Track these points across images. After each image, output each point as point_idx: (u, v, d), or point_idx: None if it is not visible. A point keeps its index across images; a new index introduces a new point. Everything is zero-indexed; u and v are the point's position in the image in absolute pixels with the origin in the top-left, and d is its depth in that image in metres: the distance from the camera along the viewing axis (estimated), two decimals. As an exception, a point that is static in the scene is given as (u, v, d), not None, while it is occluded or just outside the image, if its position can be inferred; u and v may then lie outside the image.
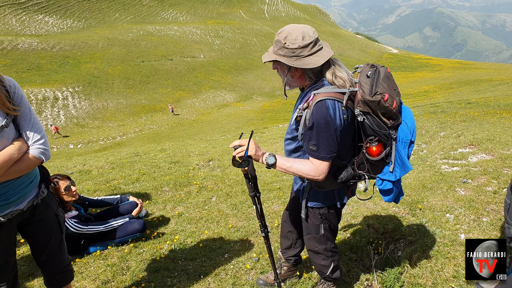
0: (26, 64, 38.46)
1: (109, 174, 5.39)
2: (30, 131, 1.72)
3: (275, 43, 1.83)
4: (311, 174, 1.83)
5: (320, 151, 1.79)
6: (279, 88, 48.64)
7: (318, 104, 1.74)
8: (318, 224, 2.19)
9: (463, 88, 26.55)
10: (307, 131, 1.80)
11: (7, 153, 1.62)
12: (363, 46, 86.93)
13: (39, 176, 1.93)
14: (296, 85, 1.94)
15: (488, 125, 7.42)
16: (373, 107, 1.72)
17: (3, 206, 1.70)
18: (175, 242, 3.36)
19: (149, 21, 69.41)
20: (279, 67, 1.91)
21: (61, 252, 2.08)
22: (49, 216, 1.98)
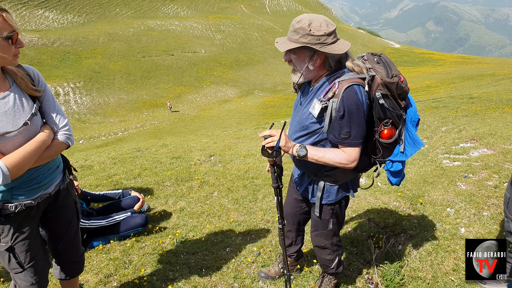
0: (26, 59, 38.37)
1: (111, 169, 5.41)
2: (56, 118, 1.82)
3: (296, 31, 1.76)
4: (344, 162, 1.85)
5: (353, 138, 1.83)
6: (280, 84, 48.52)
7: (348, 90, 1.76)
8: (328, 219, 2.20)
9: (465, 83, 26.43)
10: (338, 120, 1.80)
11: (40, 139, 1.71)
12: (365, 40, 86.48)
13: (62, 162, 2.02)
14: (311, 76, 1.90)
15: (490, 120, 7.40)
16: (392, 89, 1.83)
17: (35, 190, 1.80)
18: (177, 236, 3.38)
19: (150, 16, 69.14)
20: (296, 56, 1.84)
21: (77, 240, 2.16)
22: (70, 203, 2.07)
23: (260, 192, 4.40)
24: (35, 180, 1.78)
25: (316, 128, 1.91)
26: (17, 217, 1.77)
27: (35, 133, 1.71)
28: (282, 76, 52.18)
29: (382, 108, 1.84)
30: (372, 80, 1.83)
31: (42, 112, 1.80)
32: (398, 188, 4.26)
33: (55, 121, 1.81)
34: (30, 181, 1.76)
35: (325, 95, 1.83)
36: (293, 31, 1.78)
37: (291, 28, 1.79)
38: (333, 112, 1.79)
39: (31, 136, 1.69)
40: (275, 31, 72.59)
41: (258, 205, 4.06)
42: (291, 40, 1.80)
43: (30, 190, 1.78)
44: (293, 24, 1.79)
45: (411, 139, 1.97)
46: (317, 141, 1.95)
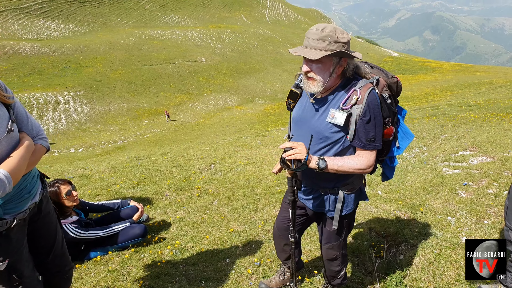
0: (27, 68, 38.56)
1: (110, 179, 5.39)
2: (30, 124, 1.81)
3: (322, 39, 1.73)
4: (363, 167, 1.88)
5: (377, 141, 1.88)
6: (280, 92, 48.69)
7: (371, 95, 1.81)
8: (342, 230, 2.19)
9: (463, 91, 26.54)
10: (364, 125, 1.83)
11: (26, 144, 1.70)
12: (364, 49, 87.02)
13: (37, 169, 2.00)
14: (330, 85, 1.88)
15: (488, 128, 7.41)
16: (394, 88, 2.02)
17: (26, 200, 1.78)
18: (176, 247, 3.35)
19: (151, 26, 69.67)
20: (320, 65, 1.80)
21: (65, 247, 2.12)
22: (51, 210, 2.05)
23: (261, 201, 4.38)
24: (25, 189, 1.76)
25: (339, 137, 1.90)
26: (9, 233, 1.72)
27: (16, 140, 1.68)
28: (282, 84, 52.41)
29: (389, 107, 1.93)
30: (378, 83, 1.90)
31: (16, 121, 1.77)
32: (398, 197, 4.24)
33: (30, 127, 1.81)
34: (21, 192, 1.73)
35: (345, 102, 1.84)
36: (318, 39, 1.75)
37: (314, 36, 1.76)
38: (357, 118, 1.81)
39: (13, 143, 1.66)
40: (275, 40, 73.10)
41: (258, 214, 4.04)
42: (317, 48, 1.75)
43: (21, 201, 1.74)
44: (315, 32, 1.76)
45: (403, 132, 2.13)
46: (340, 150, 1.93)
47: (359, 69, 1.91)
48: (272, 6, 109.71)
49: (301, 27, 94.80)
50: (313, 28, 1.79)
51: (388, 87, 1.97)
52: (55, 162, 12.85)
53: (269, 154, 7.06)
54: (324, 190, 2.09)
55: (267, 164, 6.10)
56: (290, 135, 2.16)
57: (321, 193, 2.11)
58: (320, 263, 3.06)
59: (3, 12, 53.04)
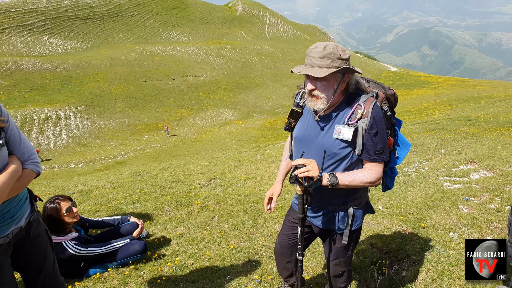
0: (29, 84, 38.91)
1: (110, 194, 5.38)
2: (22, 148, 1.78)
3: (326, 56, 1.77)
4: (373, 180, 1.90)
5: (385, 152, 1.92)
6: (280, 106, 48.97)
7: (375, 109, 1.86)
8: (349, 245, 2.18)
9: (462, 105, 26.69)
10: (372, 138, 1.86)
11: (12, 169, 1.66)
12: (363, 64, 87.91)
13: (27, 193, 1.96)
14: (334, 101, 1.90)
15: (488, 142, 7.43)
16: (392, 100, 2.08)
17: (8, 224, 1.73)
18: (176, 263, 3.32)
19: (152, 42, 70.60)
20: (325, 82, 1.83)
21: (56, 270, 2.08)
22: (42, 232, 2.00)
23: (261, 217, 4.35)
24: (7, 214, 1.72)
25: (347, 153, 1.92)
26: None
27: (3, 164, 1.65)
28: (282, 98, 52.75)
29: (388, 119, 1.98)
30: (377, 96, 1.95)
31: (7, 143, 1.74)
32: (399, 212, 4.22)
33: (22, 151, 1.76)
34: (3, 216, 1.70)
35: (350, 117, 1.87)
36: (321, 57, 1.77)
37: (317, 54, 1.78)
38: (363, 132, 1.85)
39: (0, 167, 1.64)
40: (274, 56, 73.92)
41: (259, 230, 4.01)
42: (322, 66, 1.78)
43: (3, 226, 1.71)
44: (318, 51, 1.79)
45: (401, 142, 2.18)
46: (348, 165, 1.95)
47: (360, 84, 1.95)
48: (272, 22, 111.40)
49: (300, 43, 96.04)
50: (314, 47, 1.82)
51: (387, 100, 2.03)
52: (56, 178, 12.82)
53: (270, 168, 7.05)
54: (333, 207, 2.08)
55: (268, 179, 6.09)
56: (293, 155, 2.18)
57: (329, 210, 2.10)
58: (321, 280, 3.03)
59: (6, 29, 53.84)
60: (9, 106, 33.20)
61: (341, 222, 2.10)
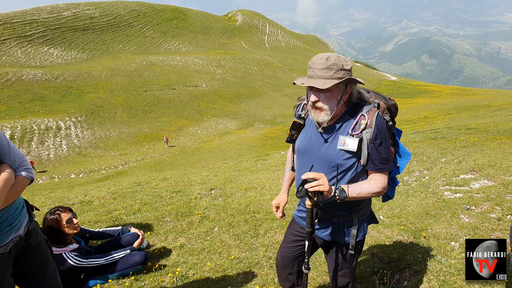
0: (29, 94, 39.08)
1: (111, 205, 5.37)
2: (12, 156, 1.78)
3: (329, 67, 1.77)
4: (379, 190, 1.89)
5: (390, 162, 1.92)
6: (280, 116, 49.11)
7: (379, 119, 1.86)
8: (354, 255, 2.16)
9: (462, 114, 26.77)
10: (376, 148, 1.86)
11: (4, 177, 1.66)
12: (362, 73, 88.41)
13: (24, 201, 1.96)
14: (338, 112, 1.91)
15: (488, 151, 7.44)
16: (393, 110, 2.07)
17: (7, 233, 1.74)
18: (177, 274, 3.30)
19: (152, 52, 71.11)
20: (329, 94, 1.82)
21: (59, 281, 2.07)
22: (42, 241, 2.00)
23: (262, 227, 4.35)
24: (5, 222, 1.73)
25: (352, 163, 1.91)
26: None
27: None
28: (282, 108, 52.93)
29: (389, 129, 1.98)
30: (379, 106, 1.95)
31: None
32: (400, 221, 4.21)
33: (12, 158, 1.77)
34: (1, 224, 1.71)
35: (354, 128, 1.88)
36: (324, 68, 1.78)
37: (320, 66, 1.78)
38: (368, 142, 1.85)
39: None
40: (274, 66, 74.38)
41: (259, 240, 4.00)
42: (325, 77, 1.78)
43: (2, 235, 1.72)
44: (320, 62, 1.79)
45: (401, 152, 2.17)
46: (353, 176, 1.94)
47: (362, 95, 1.96)
48: (271, 32, 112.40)
49: (300, 53, 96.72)
50: (317, 58, 1.82)
51: (388, 110, 2.03)
52: (56, 188, 12.81)
53: (270, 178, 7.06)
54: (337, 219, 2.07)
55: (268, 189, 6.08)
56: (296, 167, 2.18)
57: (334, 222, 2.09)
58: (323, 291, 3.01)
59: (7, 40, 54.24)
60: (9, 117, 33.32)
61: (347, 233, 2.09)
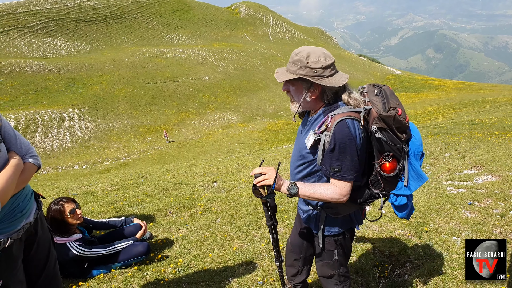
0: (33, 86, 39.13)
1: (114, 196, 5.40)
2: (19, 143, 1.81)
3: (294, 62, 1.82)
4: (336, 197, 1.83)
5: (344, 172, 1.81)
6: (283, 109, 48.97)
7: (339, 125, 1.77)
8: (333, 250, 2.17)
9: (466, 109, 26.59)
10: (328, 153, 1.81)
11: (14, 163, 1.70)
12: (367, 67, 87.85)
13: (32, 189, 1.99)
14: (309, 107, 1.95)
15: (493, 146, 7.40)
16: (389, 122, 1.79)
17: (19, 219, 1.77)
18: (179, 265, 3.33)
19: (155, 44, 70.87)
20: (294, 88, 1.89)
21: (57, 271, 2.10)
22: (46, 230, 2.04)
23: (263, 219, 4.36)
24: (17, 208, 1.76)
25: (312, 159, 1.94)
26: (4, 253, 1.73)
27: (4, 160, 1.69)
28: (285, 102, 52.75)
29: (379, 141, 1.82)
30: (369, 113, 1.83)
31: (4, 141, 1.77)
32: (402, 216, 4.21)
33: (19, 146, 1.80)
34: (13, 211, 1.74)
35: (319, 127, 1.85)
36: (291, 62, 1.83)
37: (290, 59, 1.84)
38: (325, 145, 1.81)
39: (1, 163, 1.67)
40: (278, 59, 74.03)
41: (261, 233, 4.02)
42: (289, 71, 1.85)
43: (14, 221, 1.75)
44: (292, 55, 1.84)
45: (415, 173, 1.91)
46: (314, 170, 1.97)
47: (345, 95, 1.87)
48: (275, 25, 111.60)
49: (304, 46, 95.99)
50: (293, 52, 1.87)
51: (382, 121, 1.80)
52: (59, 179, 12.88)
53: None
54: (312, 206, 2.11)
55: (270, 182, 6.09)
56: None
57: (310, 209, 2.13)
58: (324, 283, 3.03)
59: (10, 31, 54.18)
60: (13, 108, 33.42)
61: (314, 223, 2.14)
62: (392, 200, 2.03)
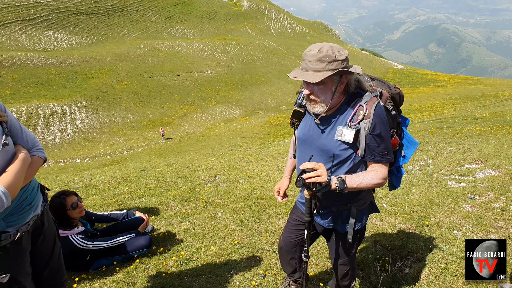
0: (35, 79, 39.11)
1: (116, 189, 5.43)
2: (25, 137, 1.82)
3: (321, 59, 1.72)
4: (379, 181, 1.87)
5: (390, 153, 1.89)
6: (285, 103, 48.89)
7: (377, 109, 1.82)
8: (354, 244, 2.18)
9: (468, 104, 26.48)
10: (375, 140, 1.82)
11: (22, 157, 1.71)
12: (369, 61, 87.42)
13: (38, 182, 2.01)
14: (334, 103, 1.87)
15: (494, 141, 7.38)
16: (397, 99, 2.02)
17: (27, 212, 1.79)
18: (181, 258, 3.35)
19: (157, 37, 70.58)
20: (322, 86, 1.79)
21: (61, 263, 2.13)
22: (51, 223, 2.07)
23: (265, 213, 4.38)
24: (25, 201, 1.78)
25: (349, 154, 1.89)
26: (13, 245, 1.75)
27: (11, 154, 1.69)
28: (287, 96, 52.65)
29: (393, 118, 1.96)
30: (381, 95, 1.92)
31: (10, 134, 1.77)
32: (403, 210, 4.22)
33: (25, 139, 1.81)
34: (21, 204, 1.75)
35: (352, 119, 1.84)
36: (316, 60, 1.73)
37: (312, 58, 1.74)
38: (366, 133, 1.81)
39: (9, 157, 1.67)
40: (280, 52, 73.70)
41: (263, 226, 4.04)
42: (316, 70, 1.74)
43: (23, 214, 1.76)
44: (312, 54, 1.74)
45: (408, 141, 2.13)
46: (351, 167, 1.92)
47: (362, 83, 1.91)
48: (277, 18, 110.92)
49: (306, 39, 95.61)
50: (309, 50, 1.77)
51: (392, 99, 1.98)
52: (61, 172, 12.93)
53: (274, 165, 7.07)
54: (336, 208, 2.07)
55: (272, 176, 6.11)
56: (297, 155, 2.17)
57: (333, 210, 2.09)
58: (324, 276, 3.05)
59: (11, 24, 54.01)
60: (15, 101, 33.45)
61: (344, 222, 2.10)
62: (395, 173, 2.19)
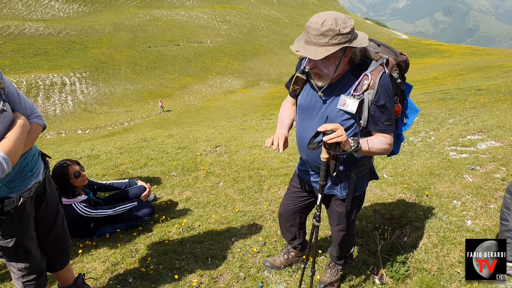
0: (33, 49, 38.48)
1: (117, 159, 5.44)
2: (23, 104, 1.78)
3: (324, 34, 1.64)
4: (387, 147, 1.88)
5: (393, 124, 1.88)
6: (286, 74, 48.21)
7: (382, 80, 1.78)
8: (353, 210, 2.20)
9: (473, 75, 26.08)
10: (379, 110, 1.80)
11: (21, 123, 1.68)
12: (372, 31, 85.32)
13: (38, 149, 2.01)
14: (337, 75, 1.83)
15: (498, 112, 7.32)
16: (403, 66, 1.96)
17: (29, 178, 1.80)
18: (183, 225, 3.41)
19: (156, 6, 68.65)
20: (325, 60, 1.73)
21: (65, 228, 2.17)
22: (53, 189, 2.09)
23: (266, 182, 4.41)
24: (27, 168, 1.78)
25: (351, 124, 1.86)
26: (17, 211, 1.77)
27: (10, 120, 1.66)
28: (288, 66, 51.84)
29: (397, 86, 1.92)
30: (387, 63, 1.87)
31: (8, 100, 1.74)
32: (404, 180, 4.25)
33: (23, 106, 1.78)
34: (23, 170, 1.76)
35: (356, 88, 1.79)
36: (319, 34, 1.65)
37: (315, 32, 1.66)
38: (369, 104, 1.78)
39: (8, 123, 1.64)
40: (282, 21, 71.90)
41: (263, 195, 4.08)
42: (319, 45, 1.67)
43: (25, 180, 1.77)
44: (315, 27, 1.66)
45: (409, 108, 2.11)
46: (351, 136, 1.89)
47: (367, 52, 1.87)
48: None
49: (309, 8, 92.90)
50: (312, 22, 1.68)
51: (398, 66, 1.94)
52: (63, 143, 12.97)
53: (275, 136, 7.05)
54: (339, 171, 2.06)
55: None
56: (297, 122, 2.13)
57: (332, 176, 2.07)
58: (323, 243, 3.11)
59: (9, -8, 52.50)
60: (14, 72, 33.08)
61: (344, 188, 2.11)
62: (395, 140, 2.15)
